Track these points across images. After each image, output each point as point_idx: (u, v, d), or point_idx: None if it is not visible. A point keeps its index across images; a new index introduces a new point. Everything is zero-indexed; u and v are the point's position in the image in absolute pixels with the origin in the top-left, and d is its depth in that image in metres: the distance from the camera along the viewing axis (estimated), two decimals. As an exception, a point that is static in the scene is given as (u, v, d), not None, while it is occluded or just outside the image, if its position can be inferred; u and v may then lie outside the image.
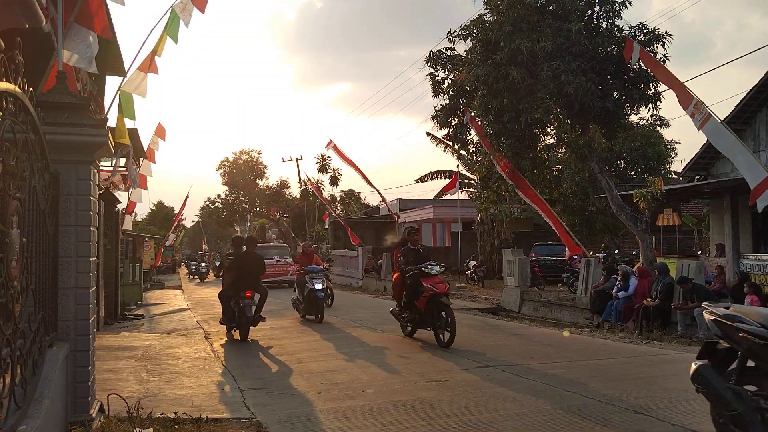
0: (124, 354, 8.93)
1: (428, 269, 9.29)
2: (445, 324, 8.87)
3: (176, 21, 8.52)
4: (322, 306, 12.55)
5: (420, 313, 9.39)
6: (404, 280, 9.67)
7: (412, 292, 9.49)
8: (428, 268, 9.30)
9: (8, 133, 2.93)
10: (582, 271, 14.27)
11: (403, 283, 9.72)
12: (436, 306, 9.04)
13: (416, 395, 6.03)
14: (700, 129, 10.69)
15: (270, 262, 25.26)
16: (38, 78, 6.87)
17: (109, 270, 13.86)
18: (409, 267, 9.55)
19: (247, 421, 5.29)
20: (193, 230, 75.55)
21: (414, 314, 9.61)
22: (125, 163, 13.70)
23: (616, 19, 13.36)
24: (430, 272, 9.27)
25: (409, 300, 9.61)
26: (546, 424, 5.01)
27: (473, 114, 14.90)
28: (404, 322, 10.02)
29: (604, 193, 14.32)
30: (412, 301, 9.50)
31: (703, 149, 16.31)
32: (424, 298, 9.16)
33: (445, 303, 9.01)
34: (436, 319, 9.07)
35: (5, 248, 2.87)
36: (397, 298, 10.23)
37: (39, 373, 3.71)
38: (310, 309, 12.73)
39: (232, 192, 47.46)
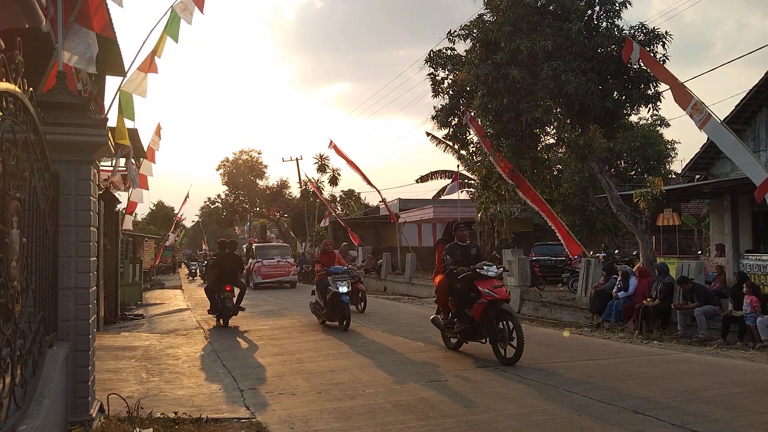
0: (124, 354, 8.93)
1: (484, 271, 7.98)
2: (508, 336, 7.57)
3: (176, 21, 8.52)
4: (347, 311, 11.11)
5: (473, 323, 8.03)
6: (452, 283, 8.30)
7: (462, 298, 8.15)
8: (484, 269, 8.00)
9: (8, 133, 2.93)
10: (582, 271, 14.26)
11: (451, 288, 8.36)
12: (495, 315, 7.71)
13: (416, 395, 6.03)
14: (701, 128, 10.70)
15: (271, 263, 25.21)
16: (38, 78, 6.87)
17: (109, 270, 13.86)
18: (460, 268, 8.14)
19: (246, 421, 5.30)
20: (193, 230, 75.57)
21: (465, 324, 8.19)
22: (125, 163, 13.72)
23: (616, 19, 13.36)
24: (486, 274, 7.95)
25: (460, 307, 8.23)
26: (546, 424, 5.01)
27: (473, 114, 14.89)
28: (451, 332, 8.58)
29: (604, 193, 14.31)
30: (463, 308, 8.15)
31: (703, 149, 16.30)
32: (480, 306, 7.79)
33: (507, 311, 7.71)
34: (495, 330, 7.73)
35: (5, 248, 2.87)
36: (441, 305, 8.79)
37: (39, 373, 3.71)
38: (332, 314, 11.37)
39: (232, 192, 47.47)
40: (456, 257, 8.36)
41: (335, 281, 11.25)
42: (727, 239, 14.91)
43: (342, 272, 11.53)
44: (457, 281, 8.18)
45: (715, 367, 7.53)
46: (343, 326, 10.94)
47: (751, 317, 9.71)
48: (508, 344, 7.57)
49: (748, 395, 5.94)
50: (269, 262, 25.36)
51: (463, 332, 8.29)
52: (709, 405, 5.39)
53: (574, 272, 16.41)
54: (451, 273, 8.21)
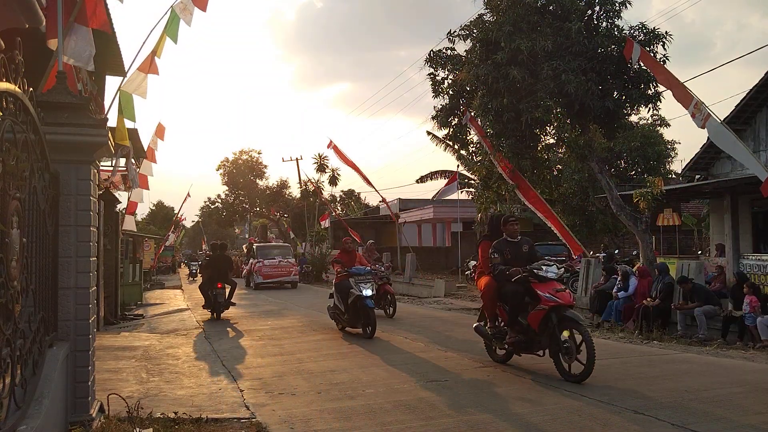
0: (124, 354, 8.93)
1: (543, 271, 6.84)
2: (575, 349, 6.45)
3: (176, 21, 8.52)
4: (372, 317, 9.99)
5: (529, 333, 6.90)
6: (501, 286, 7.17)
7: (516, 303, 7.01)
8: (542, 269, 6.86)
9: (8, 133, 2.93)
10: (582, 271, 14.26)
11: (500, 292, 7.22)
12: (558, 323, 6.58)
13: (416, 395, 6.03)
14: (702, 127, 10.70)
15: (272, 263, 25.06)
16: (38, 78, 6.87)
17: (109, 270, 13.85)
18: (513, 269, 6.99)
19: (246, 421, 5.30)
20: (193, 230, 75.57)
21: (518, 334, 7.03)
22: (125, 163, 13.72)
23: (616, 18, 13.36)
24: (545, 275, 6.81)
25: (512, 315, 7.06)
26: (546, 423, 5.01)
27: (473, 114, 14.89)
28: (500, 343, 7.44)
29: (604, 193, 14.31)
30: (516, 316, 7.02)
31: (703, 149, 16.30)
32: (539, 313, 6.68)
33: (574, 319, 6.55)
34: (558, 341, 6.57)
35: (5, 248, 2.87)
36: (488, 312, 7.52)
37: (39, 373, 3.71)
38: (355, 320, 10.27)
39: (232, 192, 47.52)
40: (505, 256, 7.25)
41: (358, 283, 10.16)
42: (727, 239, 14.91)
43: (365, 273, 10.47)
44: (508, 284, 7.04)
45: (715, 367, 7.53)
46: (367, 334, 9.92)
47: (750, 317, 9.72)
48: (575, 358, 6.47)
49: (748, 395, 5.94)
50: (270, 262, 25.13)
51: (516, 344, 7.09)
52: (709, 405, 5.39)
53: (574, 272, 16.42)
54: (502, 274, 7.08)
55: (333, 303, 11.05)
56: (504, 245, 7.36)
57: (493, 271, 7.25)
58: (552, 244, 21.74)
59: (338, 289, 10.73)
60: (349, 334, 10.49)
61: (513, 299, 7.03)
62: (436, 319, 12.87)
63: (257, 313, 15.17)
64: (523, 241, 7.54)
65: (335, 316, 11.00)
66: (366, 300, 10.01)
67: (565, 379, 6.49)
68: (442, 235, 37.93)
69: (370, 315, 10.00)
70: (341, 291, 10.59)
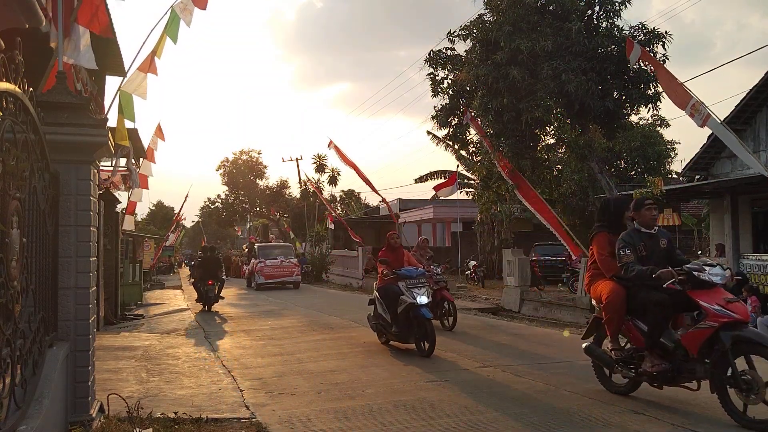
0: (124, 354, 8.93)
1: (705, 274, 5.04)
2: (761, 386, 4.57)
3: (176, 21, 8.52)
4: (431, 330, 8.18)
5: (679, 358, 5.16)
6: (637, 294, 5.39)
7: (661, 317, 5.20)
8: (705, 271, 5.06)
9: (8, 133, 2.93)
10: (582, 271, 14.26)
11: (638, 302, 5.39)
12: (733, 347, 4.76)
13: (416, 395, 6.03)
14: (702, 126, 10.70)
15: (274, 263, 24.87)
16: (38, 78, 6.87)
17: (109, 270, 13.85)
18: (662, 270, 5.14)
19: (246, 421, 5.30)
20: (193, 230, 75.57)
21: (662, 360, 5.24)
22: (125, 163, 13.73)
23: (615, 18, 13.38)
24: (709, 280, 5.02)
25: (654, 333, 5.23)
26: (546, 424, 5.01)
27: (473, 114, 14.90)
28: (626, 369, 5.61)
29: (604, 193, 14.32)
30: (659, 334, 5.22)
31: (703, 149, 16.31)
32: (703, 332, 4.90)
33: (759, 342, 4.72)
34: (734, 372, 4.73)
35: (5, 248, 2.87)
36: (612, 327, 5.61)
37: (39, 373, 3.71)
38: (406, 334, 8.49)
39: (232, 192, 47.54)
40: (639, 252, 5.44)
41: (410, 288, 8.45)
42: (727, 239, 14.91)
43: (417, 275, 8.66)
44: (649, 291, 5.26)
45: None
46: (425, 351, 8.17)
47: (751, 316, 9.72)
48: (762, 398, 4.57)
49: (748, 395, 5.93)
50: (272, 263, 24.80)
51: (661, 373, 5.23)
52: (709, 405, 5.38)
53: (574, 272, 16.43)
54: (642, 277, 5.25)
55: (375, 311, 9.36)
56: (637, 238, 5.52)
57: (626, 272, 5.36)
58: (552, 244, 21.74)
59: (383, 295, 8.98)
60: (397, 349, 8.90)
61: (658, 312, 5.20)
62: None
63: (257, 313, 15.17)
64: (661, 234, 5.68)
65: (378, 328, 9.26)
66: (421, 309, 8.25)
67: (740, 423, 4.69)
68: (442, 235, 37.94)
69: (427, 328, 8.21)
70: (387, 297, 8.83)
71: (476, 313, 14.33)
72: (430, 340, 8.18)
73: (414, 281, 8.57)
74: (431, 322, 8.35)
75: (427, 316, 8.25)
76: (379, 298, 9.13)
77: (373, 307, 9.43)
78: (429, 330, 8.21)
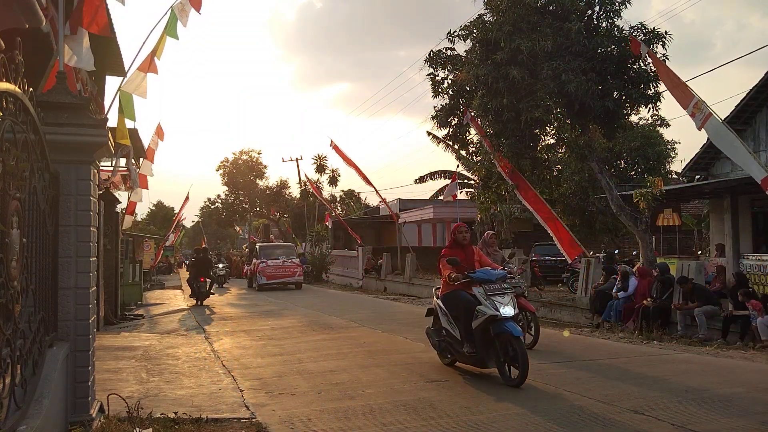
0: (124, 354, 8.93)
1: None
2: None
3: (175, 21, 8.53)
4: (523, 353, 6.32)
5: None
6: None
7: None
8: None
9: (8, 133, 2.93)
10: (582, 271, 14.26)
11: None
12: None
13: (416, 395, 6.03)
14: (700, 128, 10.71)
15: (276, 263, 24.69)
16: (38, 78, 6.87)
17: (109, 270, 13.85)
18: None
19: (246, 421, 5.30)
20: (193, 230, 75.60)
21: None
22: (125, 163, 13.72)
23: (616, 18, 13.38)
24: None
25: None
26: (546, 424, 5.01)
27: (473, 114, 14.90)
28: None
29: (604, 193, 14.32)
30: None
31: (703, 149, 16.31)
32: None
33: None
34: None
35: (5, 248, 2.87)
36: None
37: (39, 373, 3.71)
38: (484, 355, 6.69)
39: (231, 192, 47.57)
40: None
41: (490, 296, 6.63)
42: (727, 239, 14.91)
43: (499, 279, 6.84)
44: None
45: (715, 367, 7.53)
46: (512, 379, 6.39)
47: (753, 315, 9.71)
48: None
49: (748, 395, 5.94)
50: (274, 263, 24.54)
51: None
52: (709, 405, 5.38)
53: (574, 272, 16.42)
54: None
55: (435, 324, 7.66)
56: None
57: None
58: (552, 245, 21.70)
59: (451, 305, 7.14)
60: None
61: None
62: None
63: (257, 313, 15.18)
64: None
65: (443, 346, 7.37)
66: (506, 324, 6.46)
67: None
68: (442, 235, 37.90)
69: (516, 348, 6.34)
70: (457, 307, 6.99)
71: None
72: (520, 364, 6.26)
73: (495, 287, 6.74)
74: (521, 341, 6.43)
75: (515, 333, 6.42)
76: (443, 309, 7.26)
77: (433, 318, 7.73)
78: (519, 351, 6.29)
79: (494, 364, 6.68)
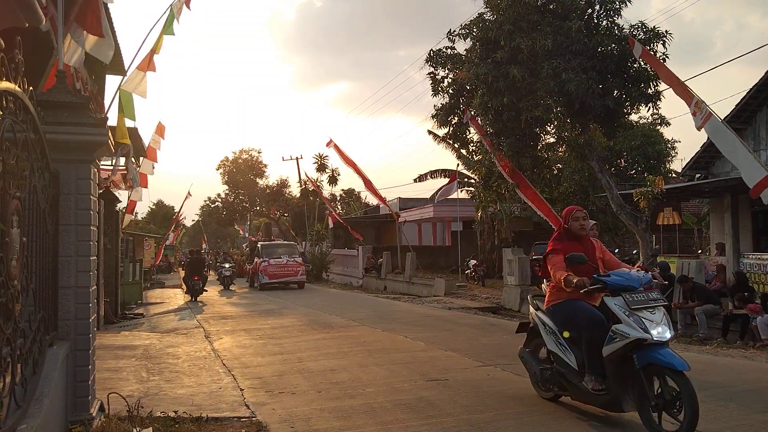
0: (124, 353, 8.94)
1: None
2: None
3: (173, 19, 8.53)
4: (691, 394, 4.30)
5: None
6: None
7: None
8: None
9: (8, 132, 2.93)
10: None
11: None
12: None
13: (416, 394, 6.03)
14: (700, 128, 10.71)
15: (278, 262, 24.57)
16: (38, 77, 6.87)
17: (110, 269, 13.85)
18: None
19: (247, 420, 5.30)
20: (193, 229, 75.63)
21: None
22: (125, 162, 13.71)
23: (616, 17, 13.38)
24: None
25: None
26: (546, 423, 5.01)
27: (473, 113, 14.90)
28: None
29: (604, 192, 14.32)
30: None
31: (704, 148, 16.30)
32: None
33: None
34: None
35: (5, 247, 2.87)
36: None
37: (39, 372, 3.71)
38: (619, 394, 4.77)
39: (232, 191, 47.56)
40: None
41: (635, 311, 4.71)
42: (727, 238, 14.90)
43: (643, 285, 4.95)
44: None
45: (715, 366, 7.53)
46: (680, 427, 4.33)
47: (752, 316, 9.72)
48: None
49: (748, 394, 5.94)
50: (276, 262, 24.38)
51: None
52: (709, 404, 5.38)
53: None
54: None
55: (530, 344, 5.83)
56: None
57: None
58: (552, 244, 21.71)
59: (563, 318, 5.18)
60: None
61: None
62: (437, 318, 12.85)
63: (257, 312, 15.18)
64: None
65: (548, 375, 5.44)
66: (660, 352, 4.55)
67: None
68: (442, 235, 37.91)
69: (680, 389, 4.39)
70: (574, 323, 5.04)
71: (476, 312, 14.34)
72: (686, 410, 4.30)
73: (640, 298, 4.81)
74: (685, 377, 4.38)
75: (676, 365, 4.42)
76: (549, 326, 5.34)
77: (526, 338, 5.87)
78: (684, 392, 4.33)
79: (633, 407, 4.74)
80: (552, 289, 5.32)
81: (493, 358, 7.84)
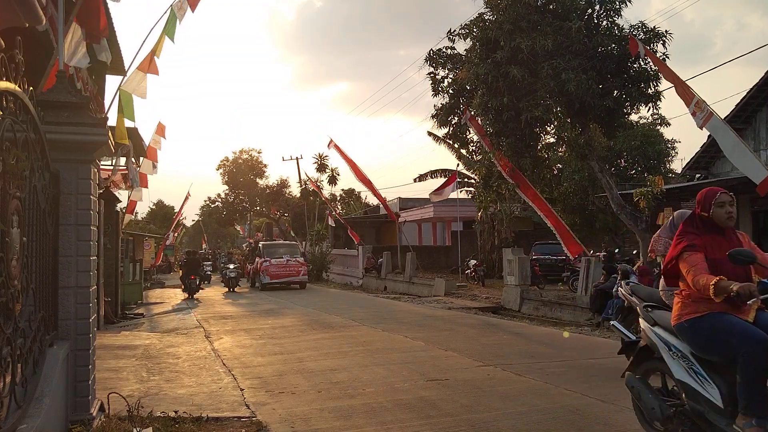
0: (124, 353, 8.94)
1: None
2: None
3: (174, 21, 8.53)
4: None
5: None
6: None
7: None
8: None
9: (8, 132, 2.93)
10: (582, 270, 14.26)
11: None
12: None
13: (416, 394, 6.03)
14: (701, 127, 10.71)
15: (280, 262, 24.47)
16: (38, 77, 6.87)
17: (110, 269, 13.86)
18: None
19: (247, 420, 5.30)
20: (194, 229, 75.65)
21: None
22: (125, 162, 13.72)
23: (616, 17, 13.39)
24: None
25: None
26: (546, 423, 5.01)
27: (473, 113, 14.91)
28: None
29: (605, 192, 14.33)
30: None
31: (704, 148, 16.33)
32: None
33: None
34: None
35: (5, 247, 2.87)
36: None
37: (39, 372, 3.71)
38: None
39: (232, 191, 47.52)
40: None
41: None
42: (727, 238, 14.89)
43: None
44: None
45: None
46: None
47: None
48: None
49: (748, 394, 5.93)
50: (278, 262, 24.25)
51: None
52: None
53: (575, 271, 16.42)
54: None
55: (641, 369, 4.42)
56: None
57: None
58: (552, 244, 21.73)
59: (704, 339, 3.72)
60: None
61: None
62: (437, 318, 12.86)
63: (257, 312, 15.18)
64: None
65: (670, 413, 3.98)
66: None
67: None
68: (442, 234, 37.93)
69: None
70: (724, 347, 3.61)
71: (476, 312, 14.34)
72: None
73: None
74: None
75: None
76: (676, 348, 3.98)
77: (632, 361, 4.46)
78: None
79: None
80: (685, 299, 3.85)
81: (493, 358, 7.85)
